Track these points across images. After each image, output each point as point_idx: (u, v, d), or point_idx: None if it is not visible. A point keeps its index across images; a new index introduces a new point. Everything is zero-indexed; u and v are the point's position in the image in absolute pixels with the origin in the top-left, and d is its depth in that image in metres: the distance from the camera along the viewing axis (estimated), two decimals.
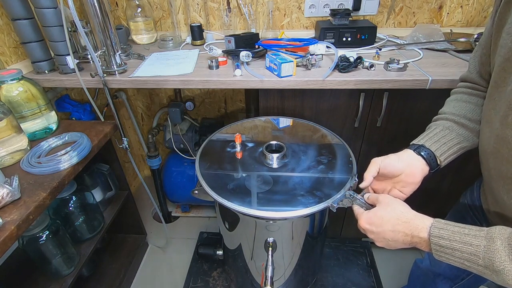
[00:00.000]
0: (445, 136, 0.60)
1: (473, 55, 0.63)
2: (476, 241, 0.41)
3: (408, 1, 1.28)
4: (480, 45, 0.60)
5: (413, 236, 0.48)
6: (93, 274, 1.23)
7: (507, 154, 0.47)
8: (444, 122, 0.62)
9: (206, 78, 0.96)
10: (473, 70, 0.63)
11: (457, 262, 0.43)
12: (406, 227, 0.48)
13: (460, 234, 0.43)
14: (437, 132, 0.61)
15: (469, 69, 0.65)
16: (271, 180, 0.73)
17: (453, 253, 0.43)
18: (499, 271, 0.38)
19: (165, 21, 1.40)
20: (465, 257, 0.42)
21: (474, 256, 0.41)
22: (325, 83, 0.92)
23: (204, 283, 1.25)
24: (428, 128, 0.65)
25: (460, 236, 0.42)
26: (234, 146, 0.86)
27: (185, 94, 1.60)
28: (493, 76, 0.52)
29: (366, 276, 1.24)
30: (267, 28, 1.29)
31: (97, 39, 0.96)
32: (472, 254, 0.41)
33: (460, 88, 0.66)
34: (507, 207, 0.51)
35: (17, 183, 0.71)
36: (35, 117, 0.90)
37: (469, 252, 0.41)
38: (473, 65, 0.63)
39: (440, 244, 0.44)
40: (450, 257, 0.44)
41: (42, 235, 0.85)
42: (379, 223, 0.52)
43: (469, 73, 0.65)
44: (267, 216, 0.64)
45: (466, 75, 0.66)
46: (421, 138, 0.62)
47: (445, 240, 0.43)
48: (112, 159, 1.16)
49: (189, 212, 1.65)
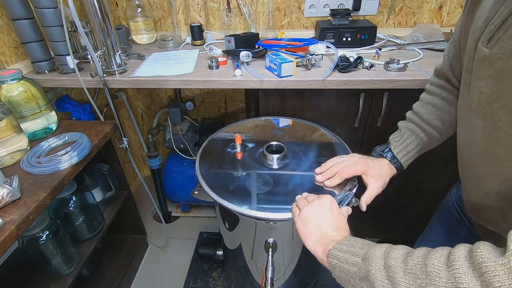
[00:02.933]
0: (412, 142, 0.68)
1: (447, 47, 0.64)
2: (356, 260, 0.43)
3: (408, 1, 1.28)
4: (454, 36, 0.61)
5: (333, 236, 0.50)
6: (93, 274, 1.23)
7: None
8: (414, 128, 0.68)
9: (206, 78, 0.96)
10: (446, 62, 0.64)
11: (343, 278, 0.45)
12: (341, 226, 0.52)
13: (353, 250, 0.45)
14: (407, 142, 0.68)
15: (443, 60, 0.66)
16: (271, 181, 0.73)
17: (341, 267, 0.45)
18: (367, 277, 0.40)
19: (165, 21, 1.40)
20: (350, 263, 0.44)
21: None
22: (325, 83, 0.92)
23: (204, 283, 1.25)
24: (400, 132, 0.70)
25: (351, 253, 0.45)
26: (234, 146, 0.86)
27: (185, 94, 1.60)
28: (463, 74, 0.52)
29: None
30: (267, 28, 1.29)
31: (97, 39, 0.96)
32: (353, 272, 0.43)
33: (434, 88, 0.68)
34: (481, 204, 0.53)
35: (17, 183, 0.70)
36: (35, 117, 0.90)
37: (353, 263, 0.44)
38: (447, 56, 0.64)
39: (335, 257, 0.46)
40: (340, 274, 0.46)
41: (42, 235, 0.85)
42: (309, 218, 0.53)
43: (443, 65, 0.65)
44: (268, 217, 0.64)
45: (440, 68, 0.67)
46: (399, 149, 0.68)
47: (339, 252, 0.46)
48: (112, 159, 1.16)
49: (189, 212, 1.65)
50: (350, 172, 0.67)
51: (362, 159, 0.68)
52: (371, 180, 0.65)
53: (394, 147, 0.68)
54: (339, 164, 0.69)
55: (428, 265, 0.35)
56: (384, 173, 0.67)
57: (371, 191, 0.65)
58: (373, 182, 0.65)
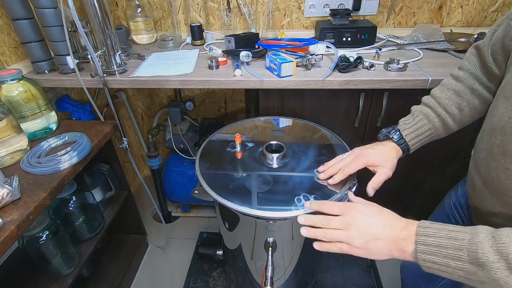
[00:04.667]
0: (423, 126, 0.65)
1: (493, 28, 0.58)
2: (460, 235, 0.41)
3: (408, 1, 1.28)
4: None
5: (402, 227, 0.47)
6: (93, 274, 1.23)
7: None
8: (428, 112, 0.66)
9: (206, 78, 0.96)
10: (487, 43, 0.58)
11: (442, 265, 0.42)
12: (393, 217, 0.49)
13: (446, 231, 0.42)
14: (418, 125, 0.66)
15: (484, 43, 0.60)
16: (271, 180, 0.73)
17: (439, 252, 0.42)
18: (482, 264, 0.38)
19: (165, 21, 1.40)
20: (451, 255, 0.41)
21: (458, 251, 0.40)
22: (325, 83, 0.92)
23: (204, 283, 1.25)
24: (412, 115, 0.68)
25: (446, 232, 0.42)
26: (234, 146, 0.86)
27: (185, 94, 1.60)
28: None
29: (366, 276, 1.24)
30: (267, 28, 1.29)
31: (97, 39, 0.96)
32: (457, 248, 0.40)
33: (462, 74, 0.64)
34: (503, 190, 0.50)
35: (17, 183, 0.71)
36: (35, 117, 0.90)
37: (454, 247, 0.40)
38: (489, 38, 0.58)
39: (427, 243, 0.43)
40: (435, 258, 0.42)
41: (42, 235, 0.85)
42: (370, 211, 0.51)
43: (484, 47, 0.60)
44: (267, 216, 0.64)
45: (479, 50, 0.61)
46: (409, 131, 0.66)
47: (431, 237, 0.43)
48: (112, 159, 1.15)
49: (189, 212, 1.65)
50: (353, 167, 0.66)
51: (363, 150, 0.68)
52: (378, 167, 0.64)
53: (403, 129, 0.66)
54: (341, 161, 0.69)
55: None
56: (389, 156, 0.65)
57: (379, 176, 0.64)
58: (379, 168, 0.64)
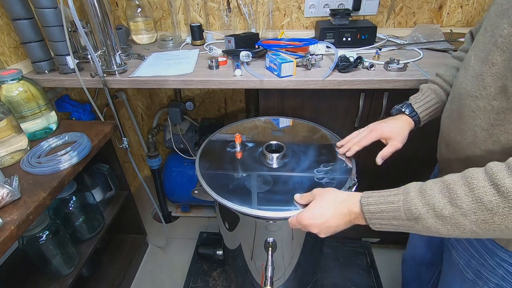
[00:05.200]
0: (432, 99, 0.71)
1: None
2: (396, 198, 0.46)
3: (408, 1, 1.28)
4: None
5: (350, 213, 0.52)
6: (93, 274, 1.23)
7: (477, 91, 0.51)
8: (436, 88, 0.72)
9: (206, 78, 0.96)
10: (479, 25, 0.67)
11: (388, 225, 0.48)
12: (344, 206, 0.53)
13: (384, 197, 0.48)
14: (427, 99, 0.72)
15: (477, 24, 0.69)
16: (271, 180, 0.73)
17: (382, 216, 0.47)
18: (417, 218, 0.43)
19: (165, 21, 1.40)
20: (392, 216, 0.46)
21: (397, 212, 0.45)
22: (325, 83, 0.92)
23: (204, 283, 1.24)
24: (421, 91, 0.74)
25: (384, 198, 0.48)
26: (234, 146, 0.86)
27: (185, 94, 1.60)
28: (484, 24, 0.54)
29: (366, 276, 1.24)
30: (267, 28, 1.29)
31: (97, 39, 0.96)
32: (395, 210, 0.46)
33: (460, 54, 0.73)
34: (460, 149, 0.56)
35: (17, 183, 0.71)
36: (35, 117, 0.90)
37: (393, 210, 0.46)
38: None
39: (370, 210, 0.48)
40: (381, 221, 0.48)
41: (42, 235, 0.85)
42: (320, 213, 0.55)
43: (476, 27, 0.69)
44: (267, 216, 0.64)
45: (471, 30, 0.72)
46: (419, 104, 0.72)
47: (373, 205, 0.48)
48: (112, 159, 1.15)
49: (189, 212, 1.65)
50: (368, 139, 0.72)
51: (377, 124, 0.73)
52: (390, 139, 0.70)
53: (414, 103, 0.72)
54: (358, 135, 0.75)
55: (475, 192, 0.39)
56: (402, 129, 0.70)
57: (389, 148, 0.69)
58: (391, 140, 0.69)
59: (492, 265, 0.55)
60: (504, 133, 0.47)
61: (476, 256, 0.58)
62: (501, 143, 0.47)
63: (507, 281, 0.54)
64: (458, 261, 0.63)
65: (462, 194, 0.40)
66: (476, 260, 0.58)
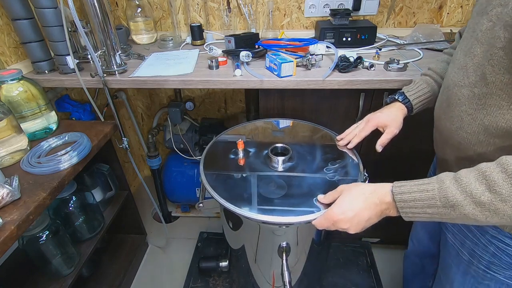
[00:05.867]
0: (424, 89, 0.76)
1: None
2: (430, 186, 0.47)
3: (408, 1, 1.28)
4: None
5: (381, 203, 0.52)
6: (93, 274, 1.23)
7: (462, 80, 0.55)
8: (428, 79, 0.77)
9: (206, 78, 0.96)
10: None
11: (421, 214, 0.48)
12: (375, 196, 0.53)
13: (417, 186, 0.49)
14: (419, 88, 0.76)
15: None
16: (284, 185, 0.72)
17: (415, 205, 0.48)
18: (454, 205, 0.44)
19: (165, 21, 1.40)
20: (426, 204, 0.47)
21: (432, 200, 0.46)
22: (325, 83, 0.92)
23: (204, 283, 1.24)
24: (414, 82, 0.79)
25: (418, 187, 0.49)
26: (237, 152, 0.84)
27: (185, 94, 1.60)
28: (468, 23, 0.60)
29: (366, 276, 1.24)
30: (267, 28, 1.29)
31: (97, 39, 0.96)
32: (430, 198, 0.47)
33: (448, 50, 0.80)
34: (450, 135, 0.59)
35: (17, 183, 0.71)
36: (35, 117, 0.90)
37: (428, 198, 0.47)
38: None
39: (404, 199, 0.49)
40: (414, 210, 0.48)
41: (42, 235, 0.85)
42: (350, 207, 0.55)
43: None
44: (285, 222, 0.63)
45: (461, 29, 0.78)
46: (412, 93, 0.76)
47: (406, 194, 0.49)
48: (112, 159, 1.15)
49: (189, 212, 1.65)
50: (367, 130, 0.76)
51: (373, 115, 0.78)
52: (386, 127, 0.74)
53: (407, 91, 0.77)
54: (356, 128, 0.80)
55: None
56: (396, 115, 0.75)
57: (386, 135, 0.73)
58: (387, 127, 0.74)
59: (484, 242, 0.58)
60: (487, 116, 0.51)
61: (470, 236, 0.61)
62: (485, 125, 0.51)
63: (497, 257, 0.57)
64: (454, 243, 0.67)
65: (500, 181, 0.41)
66: (470, 240, 0.61)
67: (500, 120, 0.49)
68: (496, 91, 0.48)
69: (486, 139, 0.51)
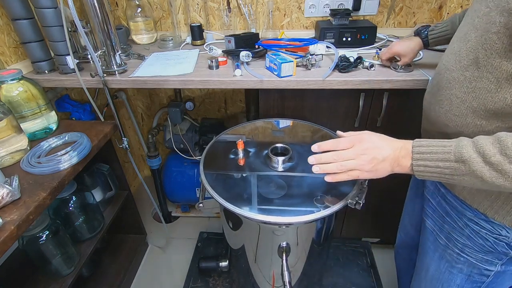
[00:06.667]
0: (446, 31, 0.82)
1: None
2: (448, 143, 0.51)
3: (408, 1, 1.28)
4: None
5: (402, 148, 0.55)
6: (93, 274, 1.23)
7: (454, 65, 0.57)
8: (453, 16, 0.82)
9: (206, 78, 0.96)
10: None
11: (433, 167, 0.51)
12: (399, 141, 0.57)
13: (437, 141, 0.52)
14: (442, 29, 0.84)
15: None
16: (284, 185, 0.72)
17: (430, 157, 0.51)
18: (466, 160, 0.47)
19: (165, 21, 1.40)
20: (441, 158, 0.50)
21: (447, 154, 0.49)
22: (325, 83, 0.92)
23: (204, 283, 1.25)
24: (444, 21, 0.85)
25: (437, 142, 0.52)
26: (237, 152, 0.84)
27: (185, 94, 1.60)
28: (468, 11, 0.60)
29: (366, 276, 1.24)
30: (267, 28, 1.29)
31: (97, 39, 0.96)
32: (446, 152, 0.50)
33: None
34: (438, 119, 0.61)
35: (17, 183, 0.71)
36: (35, 117, 0.90)
37: (444, 151, 0.50)
38: None
39: (421, 151, 0.52)
40: (427, 163, 0.51)
41: (42, 235, 0.85)
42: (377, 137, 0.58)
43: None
44: (285, 222, 0.63)
45: None
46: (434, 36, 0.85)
47: (425, 147, 0.52)
48: (112, 159, 1.16)
49: (189, 212, 1.65)
50: (387, 55, 0.95)
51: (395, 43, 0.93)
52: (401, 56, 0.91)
53: (431, 34, 0.86)
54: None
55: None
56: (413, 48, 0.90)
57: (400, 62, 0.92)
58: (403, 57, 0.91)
59: (461, 225, 0.62)
60: (476, 99, 0.53)
61: (448, 220, 0.65)
62: (473, 108, 0.54)
63: (472, 240, 0.60)
64: (433, 229, 0.70)
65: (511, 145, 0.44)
66: (448, 224, 0.65)
67: (488, 103, 0.52)
68: (486, 74, 0.51)
69: (473, 121, 0.54)
